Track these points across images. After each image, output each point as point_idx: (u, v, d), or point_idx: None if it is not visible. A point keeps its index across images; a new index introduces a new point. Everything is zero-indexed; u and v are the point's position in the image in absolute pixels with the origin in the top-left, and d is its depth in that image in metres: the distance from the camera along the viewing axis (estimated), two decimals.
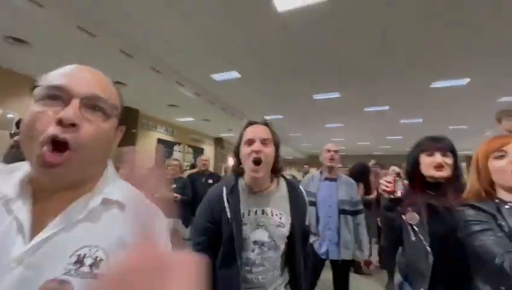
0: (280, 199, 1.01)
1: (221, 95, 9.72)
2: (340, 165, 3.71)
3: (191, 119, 12.23)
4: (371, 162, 4.17)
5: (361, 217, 1.98)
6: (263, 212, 0.95)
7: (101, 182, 0.48)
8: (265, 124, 1.06)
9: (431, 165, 1.18)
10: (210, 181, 4.84)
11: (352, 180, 2.09)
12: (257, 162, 0.92)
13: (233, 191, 0.95)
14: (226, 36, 5.15)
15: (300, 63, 6.13)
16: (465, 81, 6.53)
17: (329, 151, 2.07)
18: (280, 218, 0.97)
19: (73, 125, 0.41)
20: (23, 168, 0.46)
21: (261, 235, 0.91)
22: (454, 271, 0.88)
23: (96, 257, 0.41)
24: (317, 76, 6.93)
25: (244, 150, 0.98)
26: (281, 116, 11.65)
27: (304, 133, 15.56)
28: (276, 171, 1.02)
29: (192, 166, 9.83)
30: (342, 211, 1.86)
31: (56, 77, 0.47)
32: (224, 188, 0.96)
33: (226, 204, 0.91)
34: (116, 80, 7.58)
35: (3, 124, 7.17)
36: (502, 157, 0.88)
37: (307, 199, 1.12)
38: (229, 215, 0.90)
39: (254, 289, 0.92)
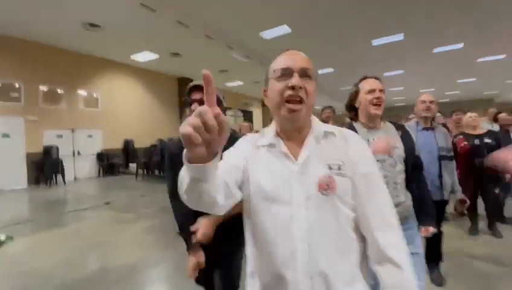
0: (391, 131, 1.34)
1: (271, 55, 9.48)
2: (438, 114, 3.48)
3: (240, 83, 12.44)
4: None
5: (453, 163, 2.17)
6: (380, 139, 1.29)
7: (313, 124, 0.71)
8: (377, 78, 1.36)
9: None
10: None
11: (445, 129, 2.25)
12: (379, 104, 1.29)
13: (351, 128, 1.31)
14: None
15: (357, 4, 5.59)
16: None
17: (424, 102, 2.16)
18: (394, 143, 1.28)
19: (300, 88, 0.63)
20: (268, 131, 0.74)
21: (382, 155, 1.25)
22: None
23: (338, 164, 0.65)
24: (378, 18, 6.26)
25: (366, 97, 1.31)
26: (332, 70, 11.04)
27: None
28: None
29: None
30: (441, 157, 2.07)
31: (281, 62, 0.67)
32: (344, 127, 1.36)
33: None
34: (173, 51, 8.01)
35: (89, 103, 8.40)
36: None
37: (412, 134, 1.40)
38: None
39: None
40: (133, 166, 8.53)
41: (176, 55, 8.32)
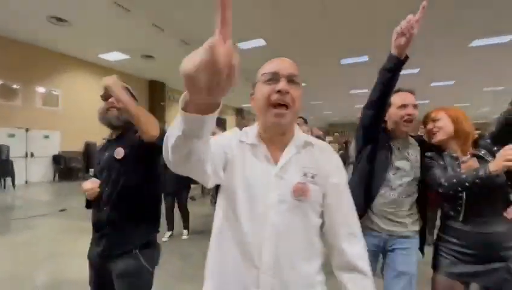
0: (415, 146, 1.31)
1: (245, 65, 9.63)
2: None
3: None
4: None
5: None
6: (408, 153, 1.26)
7: (295, 132, 0.74)
8: (411, 91, 1.30)
9: None
10: None
11: None
12: (410, 121, 1.22)
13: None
14: (254, 1, 5.04)
15: (330, 25, 5.98)
16: (509, 38, 6.14)
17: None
18: (416, 161, 1.26)
19: (287, 92, 0.65)
20: (251, 130, 0.75)
21: (404, 164, 1.24)
22: None
23: (312, 173, 0.69)
24: (346, 39, 6.75)
25: (397, 113, 1.24)
26: (304, 84, 11.52)
27: (325, 101, 15.32)
28: None
29: None
30: None
31: (270, 68, 0.69)
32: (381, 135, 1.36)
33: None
34: (145, 53, 7.78)
35: (48, 101, 7.76)
36: None
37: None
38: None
39: (392, 205, 1.20)
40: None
41: (148, 58, 8.09)
